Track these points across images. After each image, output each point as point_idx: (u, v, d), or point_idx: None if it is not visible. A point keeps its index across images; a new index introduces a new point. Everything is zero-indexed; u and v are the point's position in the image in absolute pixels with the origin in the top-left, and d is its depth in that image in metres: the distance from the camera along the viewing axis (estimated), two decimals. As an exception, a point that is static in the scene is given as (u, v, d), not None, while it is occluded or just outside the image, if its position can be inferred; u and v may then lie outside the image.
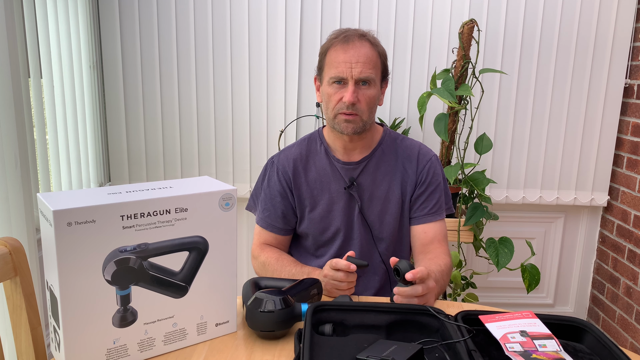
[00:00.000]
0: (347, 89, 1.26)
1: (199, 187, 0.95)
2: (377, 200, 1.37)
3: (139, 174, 2.33)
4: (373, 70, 1.27)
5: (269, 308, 0.97)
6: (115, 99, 2.26)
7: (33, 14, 1.65)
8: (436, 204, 1.38)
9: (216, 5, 2.21)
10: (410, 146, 1.40)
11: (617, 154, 2.41)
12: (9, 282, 0.99)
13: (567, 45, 2.29)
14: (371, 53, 1.27)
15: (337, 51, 1.27)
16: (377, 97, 1.31)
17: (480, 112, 2.31)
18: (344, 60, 1.25)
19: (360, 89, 1.27)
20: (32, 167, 1.60)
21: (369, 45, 1.28)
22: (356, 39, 1.27)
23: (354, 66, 1.25)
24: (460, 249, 2.14)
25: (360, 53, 1.25)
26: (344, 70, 1.25)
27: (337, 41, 1.28)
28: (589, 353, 0.96)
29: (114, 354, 0.88)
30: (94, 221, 0.81)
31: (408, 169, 1.38)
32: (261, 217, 1.43)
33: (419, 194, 1.38)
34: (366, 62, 1.25)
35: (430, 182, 1.38)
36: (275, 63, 2.27)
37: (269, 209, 1.41)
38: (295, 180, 1.39)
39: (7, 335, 1.41)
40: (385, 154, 1.38)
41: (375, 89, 1.29)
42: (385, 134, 1.41)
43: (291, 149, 1.43)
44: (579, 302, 2.62)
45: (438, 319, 1.01)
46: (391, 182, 1.37)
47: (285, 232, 1.43)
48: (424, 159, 1.38)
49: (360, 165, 1.36)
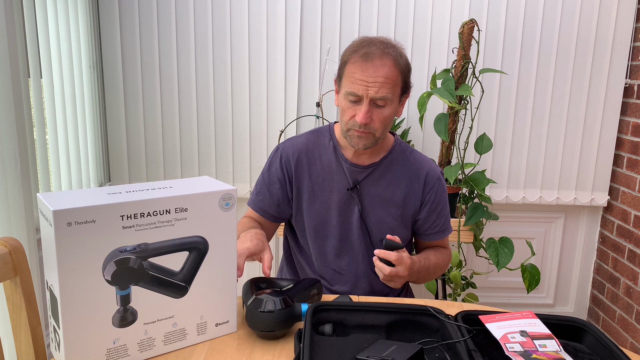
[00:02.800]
0: (361, 107, 1.23)
1: (199, 187, 0.95)
2: (378, 207, 1.36)
3: (139, 174, 2.33)
4: (390, 90, 1.22)
5: (269, 308, 0.97)
6: (115, 99, 2.26)
7: (33, 14, 1.65)
8: (446, 221, 1.43)
9: (216, 5, 2.21)
10: (419, 162, 1.39)
11: (617, 154, 2.41)
12: (9, 282, 0.99)
13: (567, 45, 2.29)
14: (391, 72, 1.22)
15: (355, 66, 1.22)
16: (392, 115, 1.28)
17: (480, 112, 2.31)
18: (361, 78, 1.21)
19: (375, 110, 1.24)
20: (32, 167, 1.60)
21: (391, 64, 1.22)
22: (377, 57, 1.21)
23: (371, 86, 1.21)
24: (460, 249, 2.14)
25: (379, 73, 1.20)
26: (360, 89, 1.21)
27: (357, 56, 1.23)
28: (589, 353, 0.96)
29: (114, 354, 0.88)
30: (94, 221, 0.81)
31: (414, 184, 1.37)
32: (254, 200, 1.42)
33: (429, 213, 1.39)
34: (384, 83, 1.21)
35: (440, 201, 1.40)
36: (275, 63, 2.27)
37: (264, 194, 1.40)
38: (297, 171, 1.37)
39: (7, 335, 1.41)
40: (393, 164, 1.37)
41: (391, 108, 1.26)
42: (395, 144, 1.39)
43: (299, 139, 1.41)
44: (579, 302, 2.62)
45: (438, 319, 1.01)
46: (394, 192, 1.36)
47: (275, 220, 1.42)
48: (432, 178, 1.38)
49: (367, 170, 1.36)
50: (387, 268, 1.17)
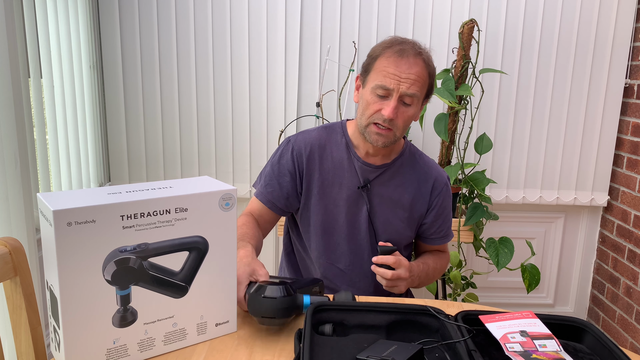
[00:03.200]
0: (388, 102, 1.23)
1: (199, 187, 0.95)
2: (386, 208, 1.37)
3: (139, 174, 2.33)
4: (419, 90, 1.24)
5: (271, 294, 0.97)
6: (115, 99, 2.26)
7: (33, 14, 1.65)
8: (449, 226, 1.46)
9: (216, 5, 2.21)
10: (427, 166, 1.41)
11: (617, 154, 2.41)
12: (9, 282, 0.99)
13: (567, 46, 2.29)
14: (422, 72, 1.24)
15: (389, 61, 1.23)
16: (415, 115, 1.29)
17: (480, 112, 2.31)
18: (394, 72, 1.22)
19: (401, 107, 1.24)
20: (32, 167, 1.60)
21: (423, 65, 1.24)
22: (411, 56, 1.23)
23: (403, 81, 1.22)
24: (460, 249, 2.14)
25: (412, 70, 1.22)
26: (392, 82, 1.22)
27: (391, 51, 1.24)
28: (589, 353, 0.96)
29: (114, 354, 0.88)
30: (94, 221, 0.81)
31: (422, 188, 1.39)
32: (262, 192, 1.38)
33: (436, 218, 1.41)
34: (416, 80, 1.22)
35: (446, 207, 1.42)
36: (275, 63, 2.27)
37: (274, 186, 1.37)
38: (309, 165, 1.36)
39: (7, 335, 1.41)
40: (403, 166, 1.38)
41: (415, 109, 1.27)
42: (406, 147, 1.40)
43: (311, 133, 1.40)
44: (579, 302, 2.62)
45: (438, 319, 1.01)
46: (402, 194, 1.37)
47: (281, 213, 1.40)
48: (440, 184, 1.40)
49: (379, 170, 1.36)
50: (389, 272, 1.19)
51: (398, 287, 1.23)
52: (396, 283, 1.22)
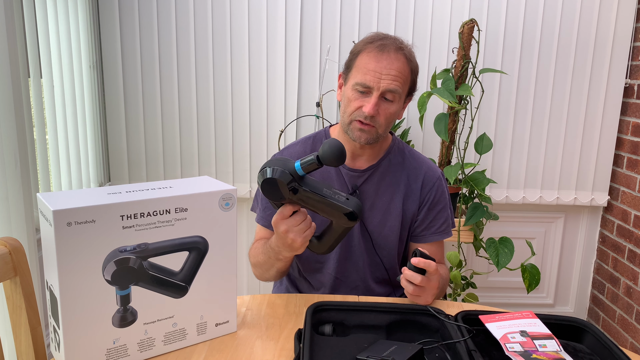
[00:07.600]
0: (369, 99, 1.22)
1: (199, 187, 0.95)
2: (378, 211, 1.34)
3: (139, 174, 2.33)
4: (401, 86, 1.23)
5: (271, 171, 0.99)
6: (115, 99, 2.26)
7: (33, 14, 1.65)
8: (444, 223, 1.38)
9: (216, 5, 2.21)
10: (417, 162, 1.37)
11: (617, 154, 2.41)
12: (9, 282, 0.99)
13: (567, 46, 2.29)
14: (404, 68, 1.22)
15: (369, 57, 1.22)
16: (397, 112, 1.27)
17: (480, 112, 2.31)
18: (374, 69, 1.20)
19: (383, 103, 1.23)
20: (32, 167, 1.60)
21: (404, 60, 1.23)
22: (392, 51, 1.21)
23: (384, 77, 1.20)
24: (460, 249, 2.13)
25: (392, 66, 1.21)
26: (372, 80, 1.20)
27: (372, 47, 1.23)
28: (589, 353, 0.96)
29: (113, 354, 0.88)
30: (94, 221, 0.81)
31: (412, 185, 1.35)
32: (262, 216, 1.40)
33: (426, 214, 1.35)
34: (397, 76, 1.21)
35: (438, 202, 1.36)
36: (275, 63, 2.27)
37: (271, 208, 1.37)
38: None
39: (7, 335, 1.41)
40: (391, 165, 1.35)
41: (397, 105, 1.25)
42: (393, 143, 1.38)
43: (295, 147, 1.39)
44: (579, 302, 2.62)
45: (438, 319, 1.01)
46: (394, 194, 1.34)
47: None
48: (431, 180, 1.35)
49: (366, 174, 1.34)
50: (419, 276, 1.08)
51: (424, 297, 1.11)
52: (422, 292, 1.11)
